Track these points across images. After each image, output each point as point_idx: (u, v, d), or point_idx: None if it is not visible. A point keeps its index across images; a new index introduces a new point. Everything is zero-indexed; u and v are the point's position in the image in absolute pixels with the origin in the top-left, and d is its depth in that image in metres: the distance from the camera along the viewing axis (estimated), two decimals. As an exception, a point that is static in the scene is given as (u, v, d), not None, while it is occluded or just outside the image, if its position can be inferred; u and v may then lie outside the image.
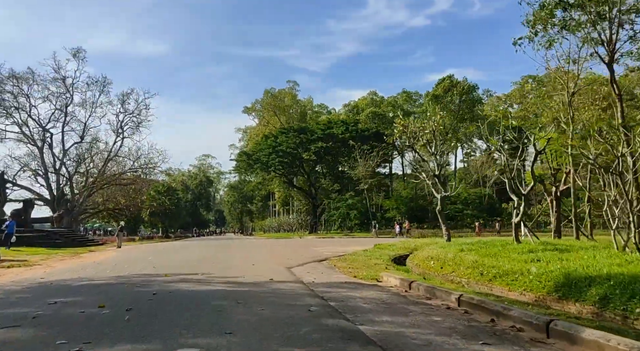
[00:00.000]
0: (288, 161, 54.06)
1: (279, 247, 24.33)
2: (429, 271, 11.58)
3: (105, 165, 53.99)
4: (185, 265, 12.74)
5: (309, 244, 27.79)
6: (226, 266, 12.26)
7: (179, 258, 15.98)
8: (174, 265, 12.84)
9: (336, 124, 55.74)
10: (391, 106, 78.36)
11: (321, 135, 54.19)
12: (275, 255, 17.05)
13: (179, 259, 15.28)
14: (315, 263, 13.70)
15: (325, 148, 53.08)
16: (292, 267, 11.99)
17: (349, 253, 17.49)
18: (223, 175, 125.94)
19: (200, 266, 12.22)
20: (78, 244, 29.56)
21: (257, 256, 16.73)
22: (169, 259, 15.36)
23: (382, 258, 15.84)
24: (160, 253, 19.82)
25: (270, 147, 54.92)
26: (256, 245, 27.02)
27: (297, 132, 55.65)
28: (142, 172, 56.63)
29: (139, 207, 57.97)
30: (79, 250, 24.27)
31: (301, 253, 18.52)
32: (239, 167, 58.33)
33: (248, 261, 14.08)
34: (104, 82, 51.20)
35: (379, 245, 21.66)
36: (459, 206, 46.99)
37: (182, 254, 18.56)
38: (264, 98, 77.57)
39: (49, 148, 49.16)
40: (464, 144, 75.88)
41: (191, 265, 12.72)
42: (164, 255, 18.20)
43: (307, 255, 16.86)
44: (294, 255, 16.91)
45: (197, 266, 12.00)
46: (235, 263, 13.25)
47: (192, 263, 13.14)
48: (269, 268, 11.73)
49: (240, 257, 15.89)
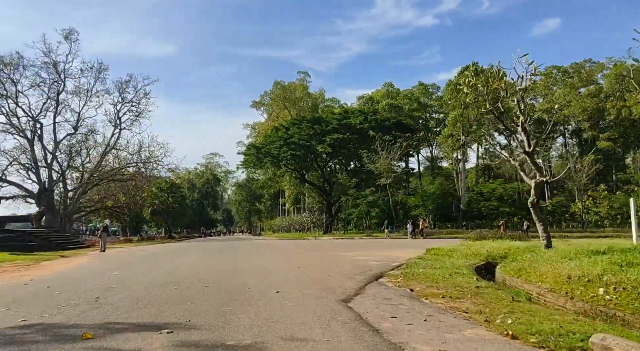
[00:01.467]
0: (301, 154, 48.56)
1: (298, 251, 18.82)
2: (604, 308, 6.08)
3: (102, 159, 48.84)
4: (157, 292, 7.20)
5: (332, 247, 22.25)
6: (230, 296, 6.71)
7: (160, 272, 10.50)
8: (138, 291, 7.34)
9: (353, 114, 50.16)
10: (407, 98, 72.82)
11: (337, 125, 48.65)
12: (303, 266, 11.53)
13: (159, 275, 9.81)
14: (377, 287, 8.24)
15: (341, 140, 47.54)
16: (347, 299, 6.50)
17: (404, 263, 12.14)
18: (231, 173, 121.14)
19: (183, 296, 6.70)
20: (55, 247, 24.27)
21: (277, 267, 11.21)
22: (142, 274, 9.90)
23: (464, 272, 10.39)
24: (142, 261, 14.38)
25: (282, 139, 49.49)
26: (270, 248, 21.55)
27: (311, 122, 50.17)
28: (144, 166, 51.45)
29: (140, 205, 52.75)
30: (47, 256, 18.94)
31: (333, 262, 13.03)
32: (247, 161, 52.96)
33: (267, 280, 8.55)
34: (100, 68, 46.04)
35: (433, 249, 16.15)
36: (493, 203, 41.23)
37: (170, 264, 13.09)
38: (273, 90, 72.15)
39: (39, 141, 44.10)
40: (485, 139, 69.89)
41: (167, 292, 7.19)
42: (143, 265, 12.74)
43: (346, 267, 11.40)
44: (327, 266, 11.43)
45: (176, 299, 6.49)
46: (247, 286, 7.71)
47: (170, 289, 7.59)
48: (308, 300, 6.19)
49: (252, 271, 10.38)
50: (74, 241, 27.41)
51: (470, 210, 43.06)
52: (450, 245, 18.15)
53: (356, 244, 25.78)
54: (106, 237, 22.82)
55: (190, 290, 7.32)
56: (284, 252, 18.05)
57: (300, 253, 17.53)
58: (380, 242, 28.03)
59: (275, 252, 18.63)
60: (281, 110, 73.56)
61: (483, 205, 41.66)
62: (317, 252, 18.27)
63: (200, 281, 8.40)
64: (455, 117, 56.32)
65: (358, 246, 22.83)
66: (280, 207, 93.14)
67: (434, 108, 79.12)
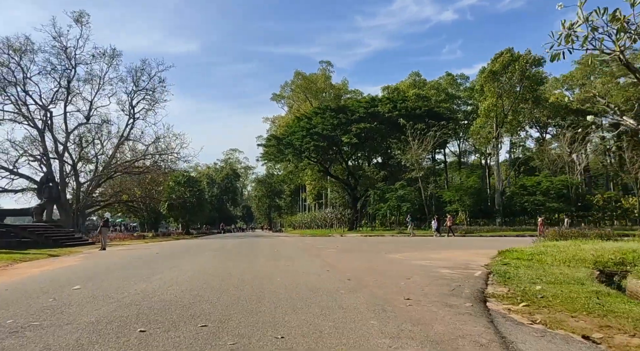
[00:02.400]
0: (324, 145, 44.76)
1: (332, 251, 15.06)
2: None
3: (116, 151, 46.09)
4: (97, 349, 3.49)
5: (370, 246, 18.43)
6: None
7: (138, 290, 6.82)
8: (67, 341, 3.67)
9: (381, 102, 46.07)
10: (434, 89, 68.31)
11: (363, 114, 44.67)
12: (356, 278, 7.68)
13: (134, 296, 6.16)
14: (508, 326, 4.38)
15: (368, 129, 43.53)
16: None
17: (488, 272, 8.43)
18: (250, 169, 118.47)
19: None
20: (52, 244, 21.19)
21: (319, 280, 7.37)
22: (108, 296, 6.26)
23: (608, 292, 6.50)
24: (130, 267, 10.86)
25: (304, 130, 45.80)
26: (297, 247, 17.85)
27: (335, 111, 46.31)
28: (160, 158, 48.55)
29: (156, 200, 49.92)
30: (33, 254, 15.71)
31: (391, 269, 9.23)
32: (267, 153, 49.49)
33: (311, 310, 4.74)
34: (113, 54, 43.24)
35: (507, 252, 12.33)
36: (539, 197, 36.61)
37: (164, 273, 9.48)
38: (294, 80, 68.52)
39: (50, 130, 41.52)
40: (519, 131, 64.67)
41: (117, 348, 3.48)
42: (127, 274, 9.16)
43: (417, 279, 7.61)
44: (389, 278, 7.59)
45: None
46: (277, 326, 3.93)
47: (129, 337, 3.85)
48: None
49: (283, 288, 6.62)
50: (75, 237, 24.31)
51: (511, 205, 38.56)
52: (511, 244, 14.09)
53: (394, 242, 21.91)
54: (107, 232, 19.53)
55: (168, 342, 3.64)
56: (316, 253, 14.33)
57: (337, 254, 13.78)
58: (421, 241, 24.08)
59: (305, 252, 14.93)
60: (302, 102, 69.93)
61: (527, 200, 37.10)
62: (357, 253, 14.50)
63: (194, 316, 4.69)
64: (489, 106, 51.79)
65: (400, 245, 18.96)
66: (301, 202, 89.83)
67: (463, 99, 74.26)
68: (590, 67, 64.61)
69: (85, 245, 23.24)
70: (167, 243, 26.85)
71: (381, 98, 46.59)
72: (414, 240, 24.67)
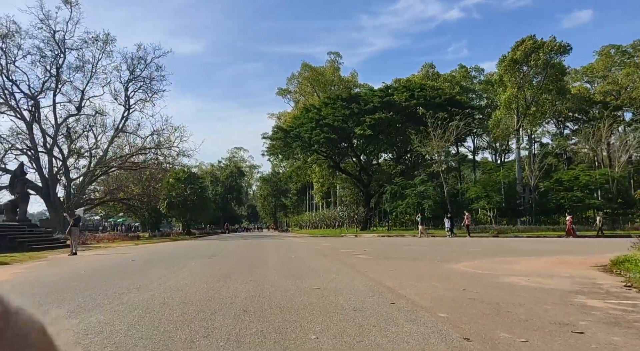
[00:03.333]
0: (335, 137, 40.75)
1: (364, 259, 11.05)
2: None
3: (110, 144, 42.34)
4: None
5: (407, 252, 14.43)
6: None
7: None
8: None
9: (397, 90, 42.00)
10: (448, 82, 64.12)
11: (377, 104, 40.61)
12: (461, 320, 3.61)
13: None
14: None
15: (383, 120, 39.49)
16: None
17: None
18: (256, 168, 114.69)
19: None
20: (17, 247, 17.39)
21: (381, 328, 3.38)
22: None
23: None
24: (68, 287, 6.89)
25: (313, 121, 41.83)
26: (314, 252, 13.86)
27: (346, 101, 42.28)
28: (158, 152, 44.75)
29: (155, 197, 46.11)
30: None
31: (496, 296, 5.19)
32: (273, 147, 45.60)
33: None
34: (106, 39, 39.50)
35: (623, 263, 8.23)
36: (577, 193, 32.41)
37: (113, 302, 5.54)
38: (301, 72, 64.51)
39: (37, 122, 37.83)
40: (542, 124, 60.24)
41: None
42: (57, 305, 5.21)
43: (597, 328, 3.53)
44: (525, 321, 3.48)
45: None
46: None
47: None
48: None
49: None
50: (51, 239, 20.51)
51: (546, 202, 34.37)
52: (569, 247, 10.04)
53: (428, 245, 17.90)
54: (77, 233, 15.65)
55: None
56: (345, 261, 10.34)
57: (376, 264, 9.78)
58: (452, 243, 20.07)
59: (330, 260, 10.93)
60: (310, 96, 65.91)
61: (564, 196, 32.87)
62: (400, 261, 10.50)
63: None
64: (510, 97, 47.68)
65: (441, 249, 14.96)
66: (308, 201, 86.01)
67: (477, 92, 69.97)
68: (612, 58, 60.30)
69: (61, 247, 19.42)
70: (157, 245, 22.95)
71: (397, 86, 42.54)
72: (441, 243, 20.64)
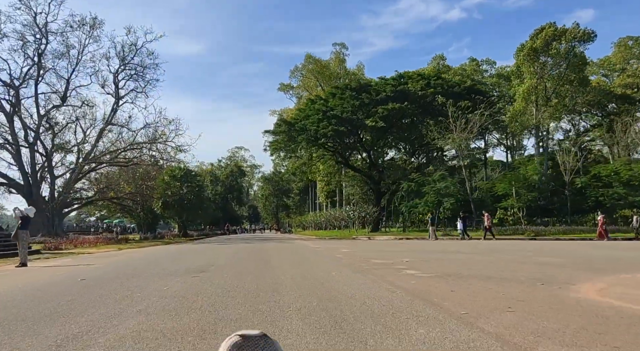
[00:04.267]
0: (345, 130, 36.92)
1: (428, 279, 7.20)
2: None
3: (99, 138, 38.54)
4: None
5: (471, 261, 10.57)
6: None
7: None
8: None
9: (411, 79, 38.21)
10: (458, 75, 60.19)
11: (390, 93, 36.81)
12: None
13: None
14: None
15: (397, 110, 35.68)
16: None
17: None
18: (257, 168, 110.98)
19: None
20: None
21: None
22: None
23: None
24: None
25: (320, 112, 38.03)
26: (335, 260, 9.91)
27: (356, 91, 38.47)
28: (152, 147, 40.93)
29: (148, 196, 42.28)
30: None
31: None
32: (276, 142, 41.79)
33: None
34: (93, 23, 35.75)
35: None
36: (619, 190, 28.55)
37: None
38: (305, 65, 60.68)
39: (18, 115, 34.07)
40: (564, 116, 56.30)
41: None
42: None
43: None
44: None
45: None
46: None
47: None
48: None
49: None
50: (8, 244, 16.68)
51: (582, 200, 30.51)
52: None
53: (473, 250, 14.07)
54: (26, 238, 11.82)
55: None
56: (398, 284, 6.45)
57: (444, 286, 5.92)
58: (515, 250, 16.24)
59: (369, 279, 7.04)
60: (314, 90, 62.13)
61: (603, 194, 29.02)
62: (480, 283, 6.60)
63: None
64: (529, 89, 43.83)
65: (497, 257, 11.12)
66: (311, 201, 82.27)
67: (489, 86, 66.05)
68: (630, 50, 56.49)
69: (13, 255, 15.57)
70: (142, 251, 19.10)
71: (411, 75, 38.72)
72: (492, 249, 16.81)
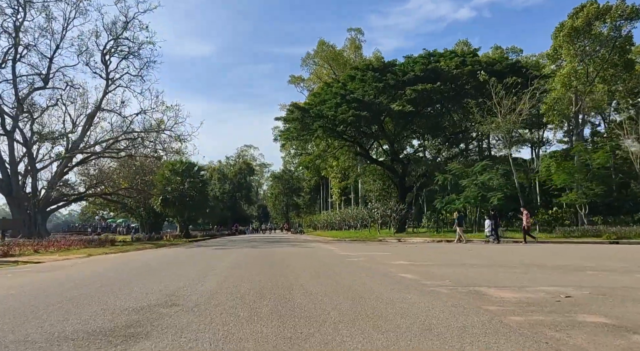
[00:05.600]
0: (367, 115, 31.65)
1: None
2: None
3: (87, 126, 33.67)
4: None
5: None
6: None
7: None
8: None
9: (443, 56, 32.83)
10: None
11: (420, 72, 31.51)
12: None
13: None
14: None
15: (428, 92, 30.37)
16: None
17: None
18: (266, 167, 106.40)
19: None
20: None
21: None
22: None
23: None
24: None
25: (338, 96, 32.84)
26: (431, 295, 4.84)
27: (379, 71, 33.20)
28: (150, 137, 36.03)
29: (146, 192, 37.42)
30: None
31: None
32: (288, 131, 36.61)
33: None
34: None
35: None
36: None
37: None
38: (317, 51, 55.45)
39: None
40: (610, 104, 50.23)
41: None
42: None
43: None
44: None
45: None
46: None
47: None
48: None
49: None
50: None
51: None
52: None
53: (585, 257, 8.71)
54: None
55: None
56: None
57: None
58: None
59: None
60: (326, 76, 57.00)
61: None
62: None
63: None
64: (569, 73, 38.02)
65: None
66: (322, 200, 77.37)
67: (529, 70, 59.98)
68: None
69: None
70: (104, 260, 13.90)
71: (443, 52, 33.32)
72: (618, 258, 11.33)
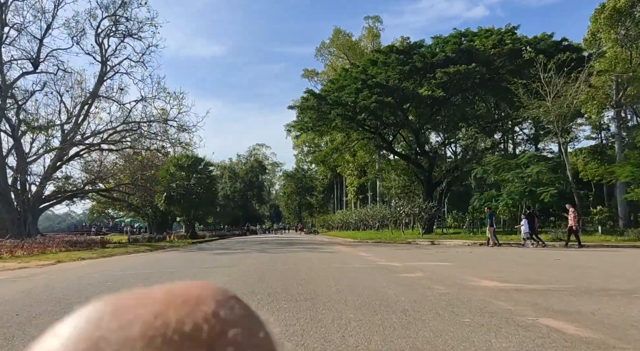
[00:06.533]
0: (392, 101, 27.79)
1: None
2: None
3: (80, 114, 30.47)
4: None
5: None
6: None
7: None
8: None
9: (477, 36, 28.87)
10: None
11: (451, 53, 27.61)
12: None
13: None
14: None
15: (462, 74, 26.46)
16: None
17: None
18: (278, 166, 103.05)
19: None
20: None
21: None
22: None
23: None
24: None
25: (358, 81, 29.11)
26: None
27: (404, 54, 29.36)
28: (149, 127, 32.72)
29: (148, 189, 34.18)
30: None
31: None
32: (303, 122, 32.91)
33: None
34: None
35: None
36: None
37: None
38: (333, 40, 51.72)
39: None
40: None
41: None
42: None
43: None
44: None
45: None
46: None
47: None
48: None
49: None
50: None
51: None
52: None
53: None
54: None
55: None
56: None
57: None
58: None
59: None
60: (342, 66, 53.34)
61: None
62: None
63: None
64: (611, 59, 33.62)
65: None
66: (336, 199, 73.73)
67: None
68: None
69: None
70: (69, 270, 10.38)
71: (477, 31, 29.35)
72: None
